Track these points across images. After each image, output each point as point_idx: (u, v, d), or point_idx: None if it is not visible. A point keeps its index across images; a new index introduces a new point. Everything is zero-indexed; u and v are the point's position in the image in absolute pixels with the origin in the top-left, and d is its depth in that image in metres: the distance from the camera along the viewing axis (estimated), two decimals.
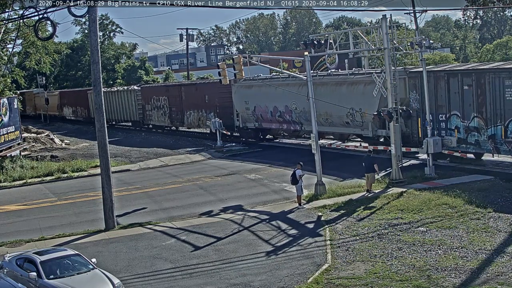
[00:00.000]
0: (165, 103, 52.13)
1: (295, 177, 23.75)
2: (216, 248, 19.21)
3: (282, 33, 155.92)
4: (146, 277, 17.06)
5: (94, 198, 26.75)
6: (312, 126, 25.58)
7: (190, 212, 24.21)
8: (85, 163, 37.09)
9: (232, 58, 26.85)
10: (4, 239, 21.75)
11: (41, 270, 15.24)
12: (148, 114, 55.41)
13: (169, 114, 51.73)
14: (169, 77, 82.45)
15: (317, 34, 42.51)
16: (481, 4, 40.19)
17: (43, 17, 22.51)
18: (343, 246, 18.27)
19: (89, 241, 21.02)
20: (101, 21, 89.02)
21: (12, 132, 40.53)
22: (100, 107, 22.61)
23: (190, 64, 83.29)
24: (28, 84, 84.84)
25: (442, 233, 18.47)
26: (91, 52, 22.50)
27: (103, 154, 22.64)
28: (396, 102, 25.95)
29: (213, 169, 33.80)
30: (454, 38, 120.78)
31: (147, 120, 56.06)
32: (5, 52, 43.87)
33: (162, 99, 52.40)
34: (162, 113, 52.82)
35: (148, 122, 56.55)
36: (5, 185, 32.86)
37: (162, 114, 52.79)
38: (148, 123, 56.67)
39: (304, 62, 26.19)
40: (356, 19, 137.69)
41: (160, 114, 53.10)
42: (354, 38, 31.56)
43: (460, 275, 15.15)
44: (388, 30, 25.80)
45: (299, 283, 15.56)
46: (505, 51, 76.03)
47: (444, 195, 22.58)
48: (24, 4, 34.09)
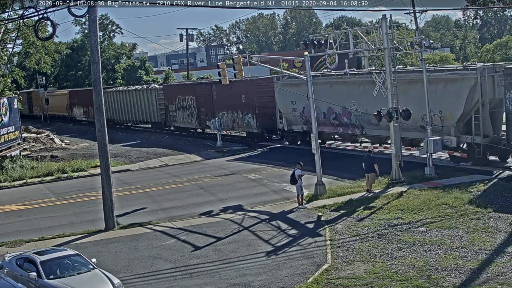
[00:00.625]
0: (192, 103, 48.25)
1: (294, 177, 23.75)
2: (216, 248, 19.21)
3: (282, 33, 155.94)
4: (146, 277, 17.06)
5: (94, 198, 26.74)
6: (312, 126, 25.58)
7: (190, 212, 24.20)
8: (85, 163, 37.11)
9: (232, 58, 26.85)
10: (4, 239, 21.75)
11: (41, 270, 15.24)
12: (172, 115, 51.66)
13: (197, 115, 47.77)
14: (169, 77, 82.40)
15: (317, 34, 42.24)
16: (481, 4, 40.14)
17: (43, 17, 22.52)
18: (343, 246, 18.27)
19: (89, 241, 21.02)
20: (101, 21, 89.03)
21: (12, 132, 40.54)
22: (100, 107, 22.61)
23: (190, 64, 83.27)
24: (28, 84, 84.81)
25: (442, 233, 18.47)
26: (91, 52, 22.51)
27: (103, 154, 22.64)
28: (396, 102, 25.88)
29: (213, 169, 33.80)
30: (454, 38, 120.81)
31: (171, 121, 52.38)
32: (5, 52, 43.87)
33: (189, 99, 48.56)
34: (188, 114, 49.06)
35: (171, 124, 52.85)
36: (5, 185, 32.86)
37: (189, 116, 49.00)
38: (171, 124, 52.96)
39: (304, 62, 26.19)
40: (356, 19, 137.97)
41: (186, 115, 49.36)
42: (354, 38, 31.46)
43: (460, 275, 15.15)
44: (388, 30, 25.80)
45: (299, 283, 15.56)
46: (505, 51, 75.98)
47: (444, 195, 22.59)
48: (24, 4, 34.16)
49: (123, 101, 59.02)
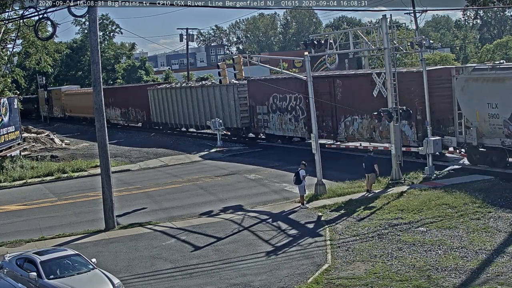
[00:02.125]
0: (298, 103, 37.53)
1: (298, 177, 23.72)
2: (216, 248, 19.21)
3: (282, 33, 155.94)
4: (146, 277, 17.06)
5: (94, 198, 26.74)
6: (312, 126, 25.60)
7: (190, 212, 24.21)
8: (85, 163, 37.10)
9: (232, 58, 26.87)
10: (4, 239, 21.75)
11: (41, 270, 15.24)
12: (262, 119, 40.76)
13: (306, 120, 35.98)
14: (169, 77, 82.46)
15: (317, 34, 42.02)
16: (481, 4, 40.22)
17: (43, 17, 22.52)
18: (343, 246, 18.27)
19: (89, 241, 21.02)
20: (101, 21, 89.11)
21: (12, 132, 40.56)
22: (100, 107, 22.57)
23: (190, 64, 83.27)
24: (28, 84, 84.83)
25: (442, 233, 18.47)
26: (91, 52, 22.50)
27: (103, 154, 22.64)
28: (396, 102, 25.88)
29: (213, 169, 33.80)
30: (454, 38, 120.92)
31: (259, 127, 41.46)
32: (5, 52, 43.89)
33: (293, 98, 37.76)
34: (290, 118, 38.13)
35: (260, 131, 41.84)
36: (5, 185, 32.86)
37: (291, 120, 38.13)
38: (260, 131, 41.96)
39: (304, 62, 26.20)
40: (356, 19, 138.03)
41: (287, 119, 38.42)
42: (354, 38, 31.43)
43: (460, 275, 15.15)
44: (388, 30, 25.82)
45: (299, 283, 15.56)
46: (505, 51, 76.05)
47: (444, 195, 22.59)
48: (24, 4, 34.21)
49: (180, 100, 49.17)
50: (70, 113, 69.85)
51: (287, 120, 38.53)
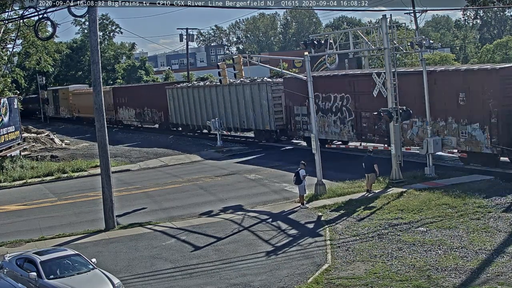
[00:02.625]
0: (344, 104, 34.08)
1: (299, 177, 23.72)
2: (216, 248, 19.21)
3: (282, 33, 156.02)
4: (146, 277, 17.06)
5: (94, 198, 26.74)
6: (312, 127, 25.59)
7: (190, 212, 24.21)
8: (85, 163, 37.11)
9: (232, 58, 26.89)
10: (4, 239, 21.75)
11: (41, 270, 15.24)
12: (301, 121, 37.07)
13: (354, 122, 33.47)
14: (169, 77, 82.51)
15: (317, 34, 41.72)
16: (481, 4, 40.22)
17: (43, 17, 22.53)
18: (343, 246, 18.27)
19: (89, 241, 21.02)
20: (101, 21, 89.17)
21: (12, 132, 40.57)
22: (100, 107, 22.58)
23: (190, 64, 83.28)
24: (28, 84, 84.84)
25: (442, 233, 18.47)
26: (91, 52, 22.50)
27: (103, 154, 22.64)
28: (396, 102, 25.87)
29: (213, 169, 33.80)
30: (454, 38, 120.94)
31: (296, 130, 37.89)
32: (5, 52, 43.91)
33: (339, 97, 34.42)
34: (335, 120, 34.81)
35: (298, 134, 38.33)
36: (5, 185, 32.87)
37: (335, 122, 34.84)
38: (298, 134, 38.44)
39: (304, 62, 26.20)
40: (356, 19, 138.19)
41: (331, 121, 35.10)
42: (354, 38, 31.42)
43: (460, 275, 15.15)
44: (388, 30, 25.81)
45: (299, 283, 15.56)
46: (505, 51, 76.05)
47: (444, 195, 22.59)
48: (24, 4, 34.20)
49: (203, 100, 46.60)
50: (79, 114, 67.20)
51: (331, 122, 34.97)
